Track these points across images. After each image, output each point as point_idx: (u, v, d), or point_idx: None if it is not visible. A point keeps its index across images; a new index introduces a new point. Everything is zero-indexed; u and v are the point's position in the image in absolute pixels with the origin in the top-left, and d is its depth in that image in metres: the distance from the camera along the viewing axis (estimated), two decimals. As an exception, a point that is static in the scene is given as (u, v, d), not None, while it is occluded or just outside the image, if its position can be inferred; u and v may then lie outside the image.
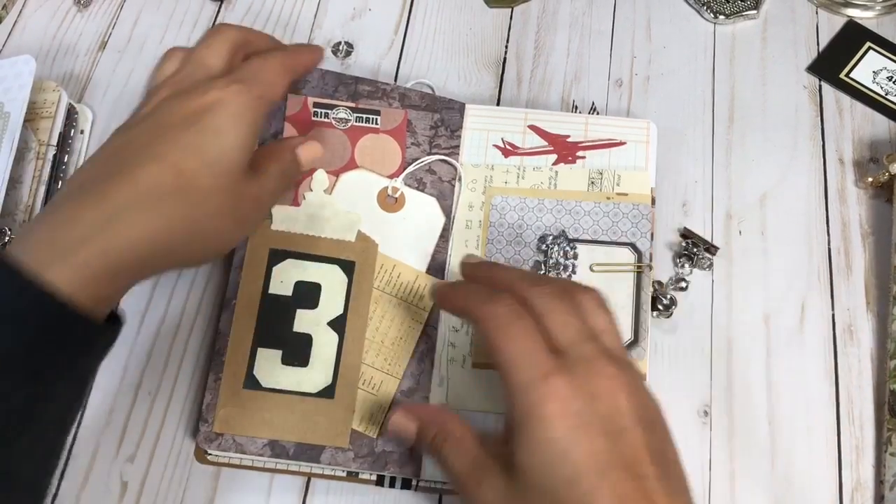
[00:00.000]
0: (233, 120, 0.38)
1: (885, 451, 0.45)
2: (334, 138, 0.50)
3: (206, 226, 0.38)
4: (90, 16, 0.60)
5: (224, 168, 0.38)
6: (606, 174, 0.50)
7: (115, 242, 0.34)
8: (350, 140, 0.50)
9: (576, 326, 0.36)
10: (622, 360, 0.36)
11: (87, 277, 0.33)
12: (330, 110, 0.50)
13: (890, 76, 0.56)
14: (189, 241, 0.37)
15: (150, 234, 0.35)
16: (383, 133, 0.50)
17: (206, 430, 0.44)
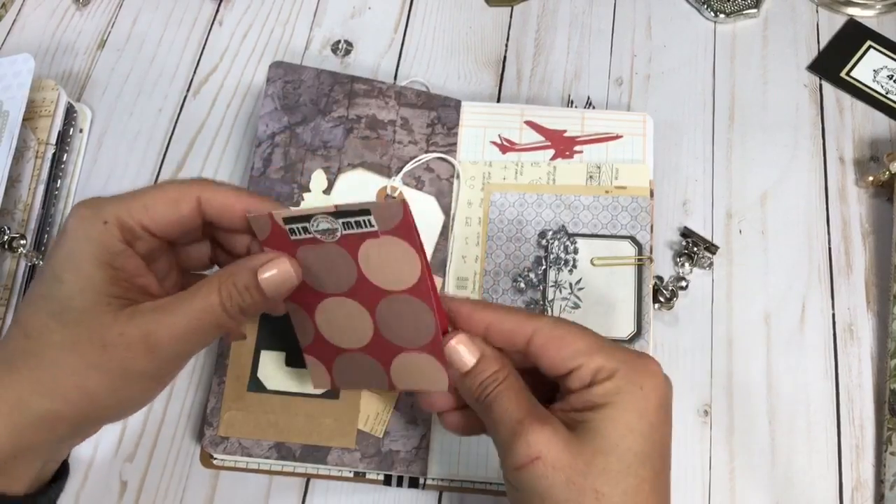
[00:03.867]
0: (69, 259, 0.34)
1: (885, 451, 0.45)
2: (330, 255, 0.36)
3: (67, 386, 0.33)
4: (89, 14, 0.60)
5: (74, 316, 0.33)
6: (604, 168, 0.50)
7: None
8: (348, 252, 0.36)
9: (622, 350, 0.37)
10: None
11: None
12: (307, 223, 0.35)
13: (890, 75, 0.56)
14: (55, 408, 0.33)
15: (10, 402, 0.32)
16: (384, 235, 0.35)
17: (211, 434, 0.44)
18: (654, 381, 0.34)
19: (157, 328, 0.33)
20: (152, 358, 0.33)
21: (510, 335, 0.35)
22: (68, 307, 0.33)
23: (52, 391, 0.33)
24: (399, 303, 0.36)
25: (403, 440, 0.44)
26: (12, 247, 0.48)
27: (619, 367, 0.34)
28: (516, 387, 0.35)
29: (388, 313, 0.37)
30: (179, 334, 0.34)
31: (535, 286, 0.48)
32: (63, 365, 0.33)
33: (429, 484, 0.45)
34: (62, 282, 0.33)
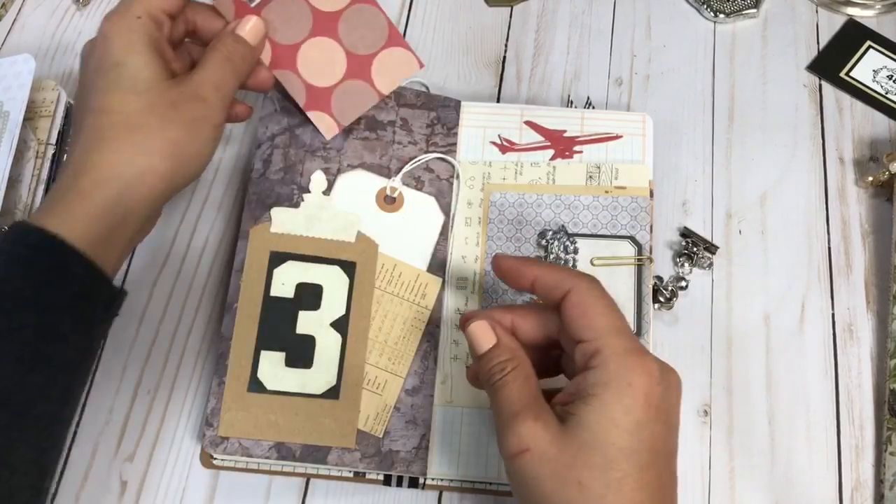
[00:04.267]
0: (124, 46, 0.41)
1: (885, 451, 0.45)
2: (287, 4, 0.48)
3: (157, 142, 0.40)
4: (89, 14, 0.60)
5: (143, 86, 0.41)
6: (604, 168, 0.50)
7: (87, 189, 0.39)
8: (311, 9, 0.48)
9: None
10: None
11: (74, 218, 0.38)
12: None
13: (890, 75, 0.56)
14: (152, 164, 0.40)
15: (109, 172, 0.39)
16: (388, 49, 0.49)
17: (211, 435, 0.44)
18: (643, 380, 0.35)
19: (202, 84, 0.42)
20: (206, 105, 0.42)
21: (551, 289, 0.38)
22: (138, 80, 0.41)
23: (147, 148, 0.40)
24: (353, 16, 0.48)
25: (403, 440, 0.44)
26: (12, 247, 0.48)
27: (613, 358, 0.35)
28: (521, 378, 0.37)
29: (348, 31, 0.48)
30: (216, 84, 0.43)
31: (534, 286, 0.48)
32: (149, 125, 0.40)
33: (429, 484, 0.45)
34: (125, 64, 0.41)
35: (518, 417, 0.35)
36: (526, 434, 0.35)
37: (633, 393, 0.35)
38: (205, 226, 0.52)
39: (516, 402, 0.36)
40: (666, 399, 0.35)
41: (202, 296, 0.50)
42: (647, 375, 0.35)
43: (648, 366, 0.35)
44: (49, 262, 0.37)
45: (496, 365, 0.38)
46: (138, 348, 0.48)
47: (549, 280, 0.39)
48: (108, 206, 0.39)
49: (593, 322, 0.36)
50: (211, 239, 0.52)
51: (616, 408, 0.34)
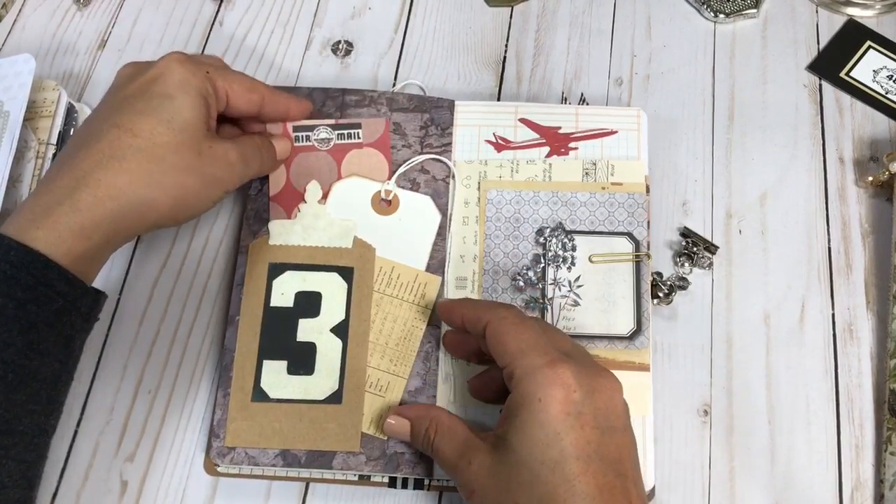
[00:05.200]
0: (179, 85, 0.42)
1: (885, 451, 0.45)
2: (319, 161, 0.50)
3: (168, 181, 0.40)
4: (90, 15, 0.60)
5: (180, 124, 0.41)
6: (600, 164, 0.50)
7: (83, 202, 0.38)
8: (335, 160, 0.50)
9: (573, 341, 0.40)
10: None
11: (61, 235, 0.38)
12: (310, 132, 0.50)
13: (890, 75, 0.56)
14: (155, 197, 0.40)
15: (113, 190, 0.39)
16: (367, 146, 0.50)
17: (218, 446, 0.44)
18: (555, 391, 0.36)
19: (231, 152, 0.43)
20: (229, 169, 0.43)
21: (475, 324, 0.40)
22: (177, 117, 0.41)
23: (157, 182, 0.40)
24: None
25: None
26: (13, 247, 0.48)
27: (523, 378, 0.37)
28: (446, 435, 0.40)
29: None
30: (244, 157, 0.44)
31: (533, 284, 0.48)
32: (168, 162, 0.40)
33: (434, 485, 0.45)
34: (174, 98, 0.41)
35: (457, 469, 0.38)
36: (467, 479, 0.38)
37: (545, 407, 0.35)
38: (205, 225, 0.52)
39: (451, 456, 0.39)
40: (590, 404, 0.36)
41: (202, 295, 0.50)
42: (560, 386, 0.36)
43: (561, 376, 0.36)
44: (32, 280, 0.37)
45: (422, 438, 0.41)
46: (139, 348, 0.49)
47: (471, 316, 0.41)
48: (100, 226, 0.39)
49: (506, 347, 0.38)
50: (211, 239, 0.52)
51: (531, 424, 0.35)
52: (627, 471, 0.36)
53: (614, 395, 0.37)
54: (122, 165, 0.39)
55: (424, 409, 0.43)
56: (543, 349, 0.37)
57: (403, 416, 0.43)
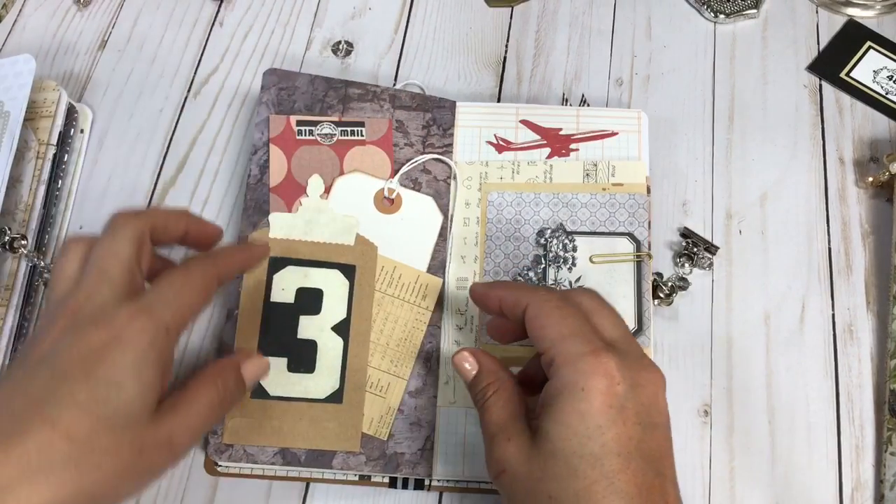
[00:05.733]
0: (132, 367, 0.34)
1: (885, 451, 0.45)
2: (321, 155, 0.50)
3: (105, 488, 0.34)
4: (90, 15, 0.60)
5: (124, 422, 0.34)
6: (601, 165, 0.50)
7: None
8: (337, 155, 0.50)
9: (622, 327, 0.38)
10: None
11: None
12: (314, 127, 0.50)
13: (890, 75, 0.56)
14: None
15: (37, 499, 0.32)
16: (370, 144, 0.50)
17: (216, 442, 0.44)
18: (599, 381, 0.34)
19: (176, 430, 0.36)
20: (172, 457, 0.36)
21: (513, 307, 0.39)
22: (122, 413, 0.34)
23: (88, 495, 0.33)
24: None
25: (408, 442, 0.45)
26: (13, 247, 0.48)
27: (564, 365, 0.35)
28: (502, 401, 0.38)
29: None
30: (193, 431, 0.37)
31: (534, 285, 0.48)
32: (104, 470, 0.33)
33: (434, 485, 0.45)
34: (122, 389, 0.34)
35: (495, 440, 0.36)
36: (501, 456, 0.36)
37: (588, 397, 0.34)
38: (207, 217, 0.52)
39: (495, 424, 0.37)
40: (633, 398, 0.34)
41: (203, 296, 0.50)
42: (604, 376, 0.34)
43: (605, 366, 0.34)
44: None
45: (480, 390, 0.39)
46: (139, 348, 0.48)
47: (510, 299, 0.39)
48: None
49: (547, 332, 0.36)
50: (211, 239, 0.52)
51: (572, 415, 0.34)
52: (666, 470, 0.35)
53: (658, 391, 0.36)
54: (50, 479, 0.32)
55: (497, 365, 0.40)
56: (587, 336, 0.36)
57: (477, 360, 0.40)
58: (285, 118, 0.50)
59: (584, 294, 0.39)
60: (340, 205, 0.49)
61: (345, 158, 0.50)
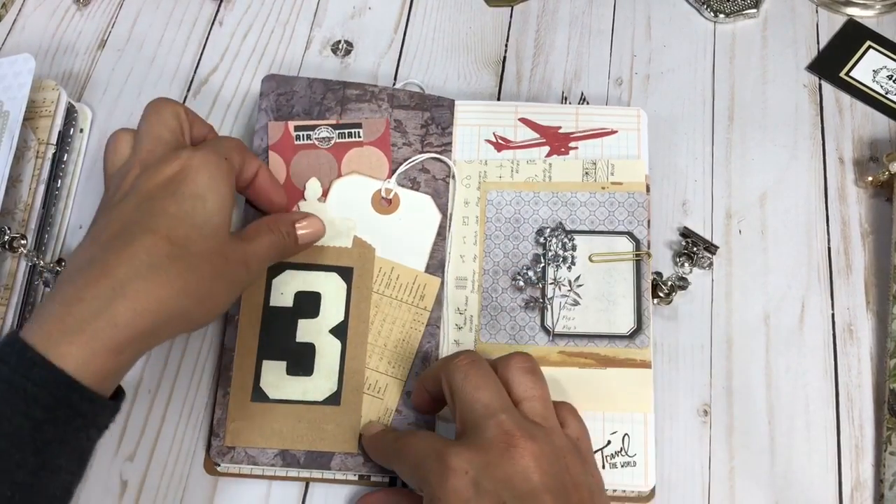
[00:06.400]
0: (209, 183, 0.40)
1: (885, 451, 0.45)
2: (319, 159, 0.50)
3: (204, 289, 0.38)
4: (89, 14, 0.60)
5: (211, 230, 0.39)
6: (600, 164, 0.50)
7: (122, 317, 0.35)
8: (335, 158, 0.50)
9: (482, 401, 0.38)
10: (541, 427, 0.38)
11: (94, 353, 0.35)
12: (311, 131, 0.50)
13: (890, 75, 0.56)
14: (189, 307, 0.38)
15: (153, 303, 0.36)
16: (367, 145, 0.50)
17: (217, 445, 0.44)
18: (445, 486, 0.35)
19: (249, 253, 0.42)
20: (248, 274, 0.42)
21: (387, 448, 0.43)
22: (209, 223, 0.39)
23: (193, 292, 0.38)
24: None
25: None
26: (13, 247, 0.48)
27: (422, 484, 0.37)
28: None
29: None
30: (261, 259, 0.43)
31: (533, 284, 0.48)
32: (203, 271, 0.38)
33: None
34: (204, 202, 0.39)
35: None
36: None
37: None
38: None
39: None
40: (488, 478, 0.35)
41: (202, 295, 0.50)
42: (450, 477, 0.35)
43: (449, 464, 0.35)
44: (52, 401, 0.34)
45: None
46: (138, 348, 0.48)
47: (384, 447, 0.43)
48: (134, 342, 0.36)
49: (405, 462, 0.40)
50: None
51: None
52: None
53: (521, 459, 0.35)
54: (161, 276, 0.37)
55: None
56: (433, 445, 0.37)
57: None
58: (283, 124, 0.50)
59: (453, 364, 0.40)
60: (338, 207, 0.49)
61: (343, 161, 0.50)
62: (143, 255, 0.37)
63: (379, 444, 0.43)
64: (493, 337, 0.47)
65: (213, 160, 0.40)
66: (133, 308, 0.36)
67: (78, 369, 0.34)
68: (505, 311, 0.47)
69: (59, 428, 0.35)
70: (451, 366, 0.40)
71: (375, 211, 0.49)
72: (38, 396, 0.34)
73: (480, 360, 0.40)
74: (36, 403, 0.34)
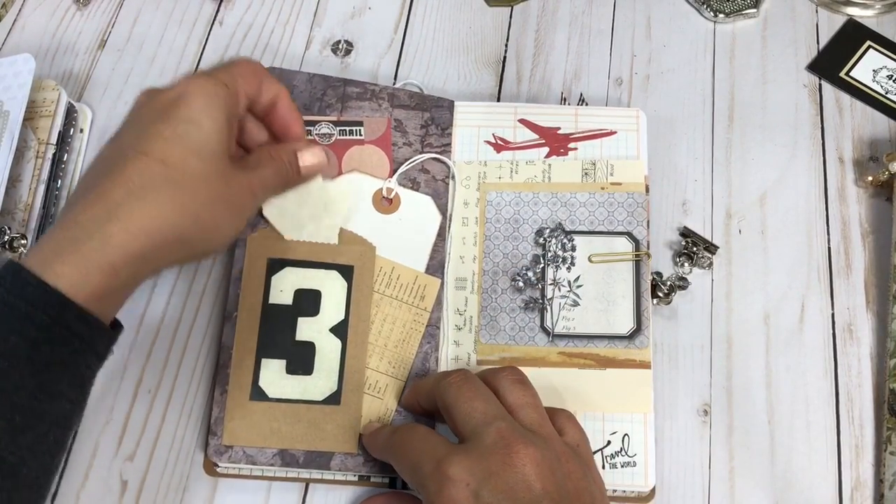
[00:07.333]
0: (204, 108, 0.39)
1: (885, 450, 0.45)
2: None
3: (201, 213, 0.38)
4: (89, 14, 0.60)
5: (208, 153, 0.39)
6: (599, 165, 0.50)
7: (115, 237, 0.35)
8: (336, 154, 0.50)
9: (480, 410, 0.38)
10: (538, 434, 0.38)
11: (88, 273, 0.35)
12: (312, 127, 0.50)
13: (890, 75, 0.56)
14: (188, 230, 0.38)
15: (147, 224, 0.36)
16: (368, 143, 0.50)
17: (215, 444, 0.44)
18: (445, 496, 0.35)
19: (254, 179, 0.41)
20: (253, 199, 0.42)
21: (385, 444, 0.43)
22: (206, 146, 0.39)
23: (191, 214, 0.38)
24: None
25: None
26: (13, 247, 0.48)
27: (421, 491, 0.37)
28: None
29: None
30: (265, 186, 0.42)
31: (533, 284, 0.48)
32: (200, 194, 0.38)
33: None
34: (201, 125, 0.39)
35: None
36: None
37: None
38: (205, 226, 0.52)
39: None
40: (488, 489, 0.35)
41: (202, 295, 0.50)
42: (450, 487, 0.35)
43: (449, 476, 0.35)
44: (48, 321, 0.34)
45: None
46: (139, 348, 0.48)
47: (380, 443, 0.42)
48: (130, 263, 0.36)
49: (404, 464, 0.39)
50: (211, 239, 0.52)
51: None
52: None
53: (522, 466, 0.35)
54: (155, 197, 0.37)
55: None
56: (432, 450, 0.37)
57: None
58: None
59: (444, 382, 0.40)
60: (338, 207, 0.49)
61: (343, 158, 0.50)
62: (136, 177, 0.37)
63: (377, 439, 0.43)
64: (493, 338, 0.47)
65: (209, 85, 0.40)
66: (126, 229, 0.36)
67: (72, 288, 0.34)
68: (504, 312, 0.47)
69: (55, 349, 0.35)
70: (443, 384, 0.40)
71: (376, 210, 0.49)
72: (33, 315, 0.34)
73: (472, 376, 0.40)
74: (31, 322, 0.34)
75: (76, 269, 0.35)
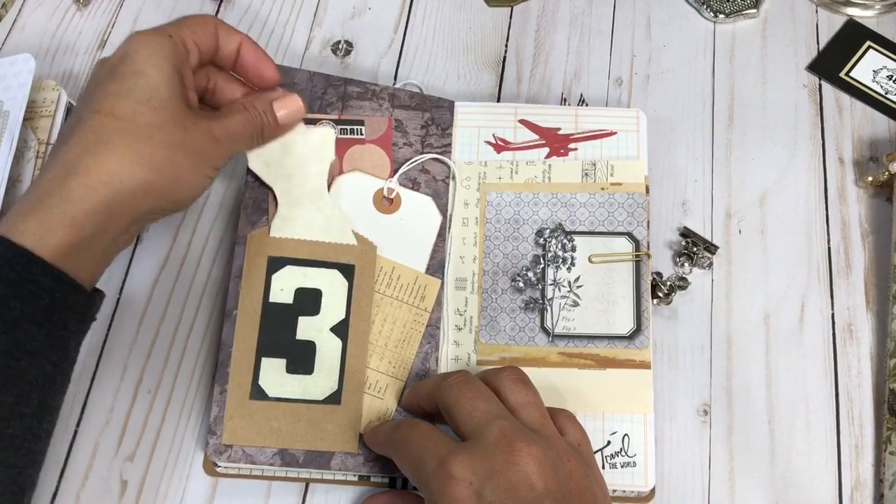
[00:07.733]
0: (148, 60, 0.40)
1: (885, 450, 0.45)
2: None
3: (160, 160, 0.39)
4: (89, 14, 0.60)
5: (159, 102, 0.39)
6: (599, 165, 0.50)
7: (75, 192, 0.37)
8: (336, 153, 0.50)
9: (482, 409, 0.38)
10: (540, 433, 0.38)
11: (51, 228, 0.36)
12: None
13: (890, 75, 0.56)
14: (150, 178, 0.39)
15: (105, 176, 0.37)
16: (369, 143, 0.50)
17: (215, 443, 0.44)
18: (448, 496, 0.35)
19: (215, 126, 0.42)
20: (216, 146, 0.41)
21: (387, 438, 0.42)
22: (155, 96, 0.39)
23: (148, 162, 0.38)
24: None
25: None
26: (13, 247, 0.48)
27: (423, 489, 0.37)
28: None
29: None
30: (230, 134, 0.42)
31: (533, 285, 0.48)
32: (156, 140, 0.39)
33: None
34: (147, 76, 0.39)
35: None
36: None
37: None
38: (205, 225, 0.52)
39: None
40: (492, 488, 0.35)
41: (202, 295, 0.50)
42: (453, 486, 0.35)
43: (452, 474, 0.35)
44: (14, 276, 0.35)
45: None
46: (139, 348, 0.49)
47: (383, 438, 0.42)
48: (93, 215, 0.37)
49: (405, 461, 0.39)
50: (211, 238, 0.52)
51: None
52: None
53: (524, 464, 0.35)
54: (109, 149, 0.38)
55: None
56: (435, 448, 0.37)
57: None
58: None
59: (445, 384, 0.40)
60: (340, 204, 0.49)
61: (344, 157, 0.50)
62: (91, 134, 0.38)
63: (378, 433, 0.42)
64: (493, 338, 0.47)
65: (152, 38, 0.41)
66: (85, 183, 0.37)
67: (36, 244, 0.36)
68: (505, 313, 0.47)
69: (26, 305, 0.36)
70: (444, 385, 0.40)
71: (377, 210, 0.49)
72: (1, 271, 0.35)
73: (473, 376, 0.40)
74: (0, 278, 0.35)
75: (39, 225, 0.36)
